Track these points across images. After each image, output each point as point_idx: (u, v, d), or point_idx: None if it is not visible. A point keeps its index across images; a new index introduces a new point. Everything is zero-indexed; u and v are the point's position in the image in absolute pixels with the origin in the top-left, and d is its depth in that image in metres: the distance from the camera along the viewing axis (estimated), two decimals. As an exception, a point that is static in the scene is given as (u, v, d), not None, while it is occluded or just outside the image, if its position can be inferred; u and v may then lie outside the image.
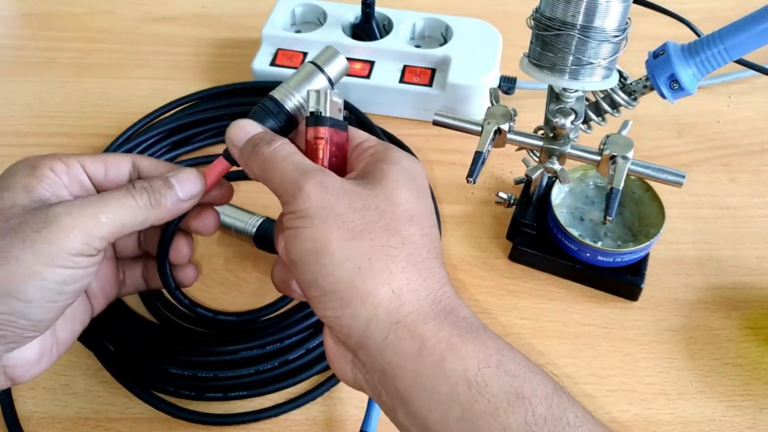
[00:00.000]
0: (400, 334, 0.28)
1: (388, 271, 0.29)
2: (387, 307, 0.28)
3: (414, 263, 0.30)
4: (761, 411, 0.44)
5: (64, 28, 0.73)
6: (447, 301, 0.30)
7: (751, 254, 0.53)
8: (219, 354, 0.44)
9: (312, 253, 0.29)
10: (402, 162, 0.32)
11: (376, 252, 0.29)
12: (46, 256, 0.30)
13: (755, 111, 0.64)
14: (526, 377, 0.28)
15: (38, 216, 0.30)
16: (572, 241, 0.48)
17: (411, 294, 0.29)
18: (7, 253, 0.29)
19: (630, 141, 0.44)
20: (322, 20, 0.66)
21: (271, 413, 0.43)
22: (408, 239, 0.30)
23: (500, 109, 0.46)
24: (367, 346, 0.29)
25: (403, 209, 0.31)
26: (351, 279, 0.28)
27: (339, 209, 0.29)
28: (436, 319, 0.28)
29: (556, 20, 0.40)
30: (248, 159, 0.33)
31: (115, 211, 0.32)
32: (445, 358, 0.27)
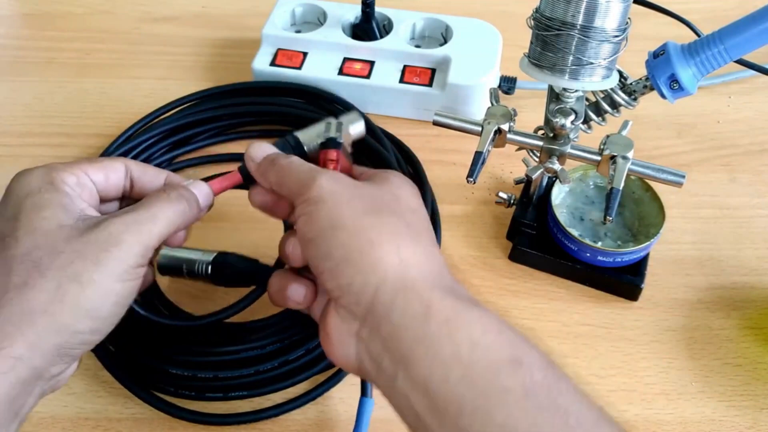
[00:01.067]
0: (408, 297, 0.30)
1: (396, 243, 0.31)
2: (395, 273, 0.30)
3: (418, 243, 0.32)
4: (761, 411, 0.44)
5: (64, 28, 0.73)
6: (448, 279, 0.32)
7: (751, 254, 0.53)
8: (219, 354, 0.44)
9: (328, 228, 0.31)
10: (393, 181, 0.36)
11: (385, 227, 0.32)
12: (118, 273, 0.32)
13: (755, 111, 0.64)
14: (524, 348, 0.29)
15: (100, 236, 0.32)
16: (572, 241, 0.48)
17: (417, 266, 0.31)
18: (81, 276, 0.31)
19: (630, 141, 0.44)
20: (322, 20, 0.66)
21: (271, 413, 0.43)
22: (412, 224, 0.33)
23: (500, 109, 0.46)
24: (375, 310, 0.30)
25: (406, 204, 0.34)
26: (362, 248, 0.31)
27: (349, 196, 0.32)
28: (441, 290, 0.30)
29: (556, 20, 0.40)
30: (266, 170, 0.36)
31: (162, 221, 0.34)
32: (449, 320, 0.29)
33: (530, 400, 0.27)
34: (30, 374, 0.30)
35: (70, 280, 0.31)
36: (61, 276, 0.31)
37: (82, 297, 0.31)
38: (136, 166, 0.38)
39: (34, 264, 0.31)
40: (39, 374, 0.31)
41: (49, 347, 0.31)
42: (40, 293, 0.31)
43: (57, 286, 0.31)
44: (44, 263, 0.31)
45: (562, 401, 0.28)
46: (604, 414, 0.28)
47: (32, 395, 0.31)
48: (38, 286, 0.31)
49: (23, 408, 0.31)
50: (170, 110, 0.60)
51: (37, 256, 0.31)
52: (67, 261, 0.31)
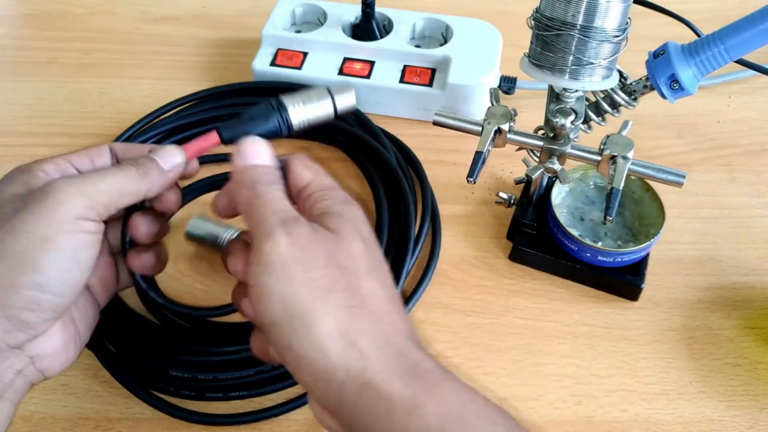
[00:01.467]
0: (370, 395, 0.29)
1: (354, 332, 0.30)
2: (356, 369, 0.29)
3: (377, 321, 0.31)
4: (761, 411, 0.44)
5: (64, 28, 0.73)
6: (412, 355, 0.30)
7: (751, 254, 0.53)
8: (219, 354, 0.44)
9: (283, 314, 0.30)
10: (344, 213, 0.33)
11: (342, 313, 0.30)
12: (55, 222, 0.31)
13: (755, 111, 0.64)
14: (486, 429, 0.29)
15: (39, 190, 0.32)
16: (572, 241, 0.48)
17: (377, 353, 0.30)
18: (16, 227, 0.30)
19: (630, 141, 0.44)
20: (322, 20, 0.66)
21: (271, 413, 0.43)
22: (369, 296, 0.31)
23: (500, 109, 0.46)
24: (342, 408, 0.30)
25: (362, 262, 0.32)
26: (321, 344, 0.29)
27: (304, 265, 0.30)
28: (402, 377, 0.29)
29: (556, 20, 0.40)
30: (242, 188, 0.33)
31: (111, 181, 0.33)
32: (410, 414, 0.28)
33: None
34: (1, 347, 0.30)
35: (6, 233, 0.31)
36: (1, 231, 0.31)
37: (17, 247, 0.30)
38: (121, 146, 0.37)
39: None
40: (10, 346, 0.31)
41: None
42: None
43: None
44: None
45: None
46: None
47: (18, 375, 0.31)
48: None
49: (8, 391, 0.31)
50: (170, 110, 0.60)
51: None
52: (8, 216, 0.31)
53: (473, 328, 0.48)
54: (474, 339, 0.47)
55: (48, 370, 0.34)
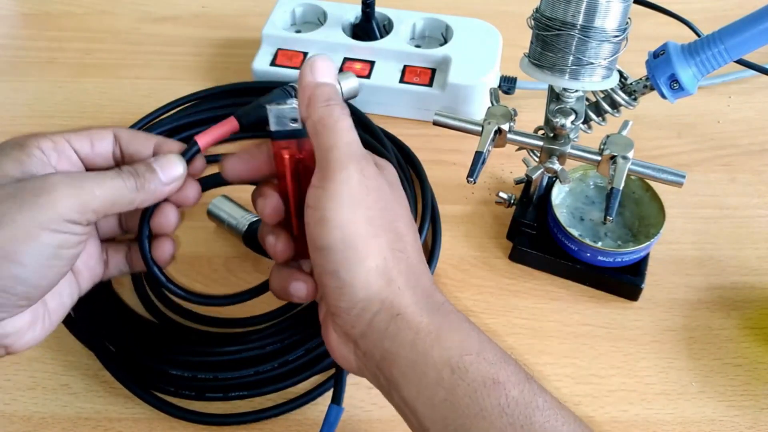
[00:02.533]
0: (399, 325, 0.31)
1: (397, 270, 0.32)
2: (390, 303, 0.32)
3: (413, 264, 0.33)
4: (761, 411, 0.44)
5: (64, 28, 0.73)
6: (437, 296, 0.33)
7: (751, 254, 0.53)
8: (219, 354, 0.44)
9: (340, 242, 0.31)
10: (389, 166, 0.36)
11: (390, 253, 0.32)
12: (43, 220, 0.31)
13: (755, 111, 0.64)
14: (501, 365, 0.31)
15: (36, 183, 0.31)
16: (572, 241, 0.48)
17: (410, 291, 0.32)
18: (4, 216, 0.30)
19: (630, 141, 0.44)
20: (322, 20, 0.66)
21: (271, 413, 0.43)
22: (409, 244, 0.34)
23: (500, 109, 0.46)
24: (369, 335, 0.32)
25: (407, 214, 0.35)
26: (368, 275, 0.32)
27: (368, 203, 0.32)
28: (429, 313, 0.32)
29: (556, 20, 0.40)
30: (315, 102, 0.34)
31: (108, 189, 0.33)
32: (433, 346, 0.31)
33: (506, 418, 0.29)
34: None
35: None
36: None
37: (1, 235, 0.30)
38: (126, 133, 0.37)
39: None
40: None
41: None
42: None
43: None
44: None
45: (538, 417, 0.30)
46: (581, 427, 0.30)
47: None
48: None
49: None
50: (170, 110, 0.60)
51: None
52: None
53: (473, 328, 0.48)
54: (474, 339, 0.47)
55: (11, 347, 0.34)
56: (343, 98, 0.38)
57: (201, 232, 0.53)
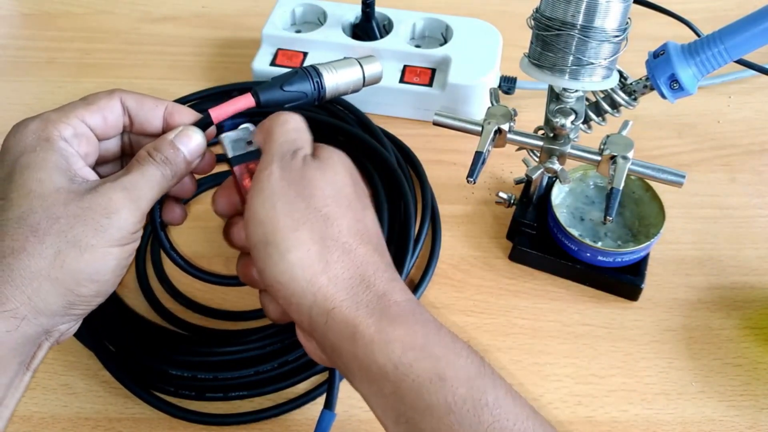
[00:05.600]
0: (336, 319, 0.31)
1: (325, 261, 0.31)
2: (324, 295, 0.31)
3: (348, 251, 0.32)
4: (761, 411, 0.44)
5: (64, 28, 0.73)
6: (380, 285, 0.32)
7: (751, 254, 0.53)
8: (219, 354, 0.44)
9: (263, 238, 0.32)
10: (336, 151, 0.36)
11: (315, 244, 0.32)
12: (116, 239, 0.32)
13: (755, 111, 0.64)
14: (449, 360, 0.30)
15: (99, 202, 0.32)
16: (572, 241, 0.48)
17: (345, 282, 0.31)
18: (80, 241, 0.31)
19: (630, 141, 0.44)
20: (322, 20, 0.66)
21: (271, 413, 0.43)
22: (345, 229, 0.33)
23: (500, 109, 0.46)
24: (314, 329, 0.32)
25: (344, 193, 0.34)
26: (293, 270, 0.31)
27: (288, 196, 0.32)
28: (368, 306, 0.31)
29: (556, 20, 0.40)
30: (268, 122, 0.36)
31: (154, 187, 0.34)
32: (373, 341, 0.30)
33: (453, 417, 0.29)
34: (37, 331, 0.31)
35: (70, 246, 0.31)
36: (59, 242, 0.31)
37: (81, 262, 0.31)
38: (133, 100, 0.37)
39: (31, 229, 0.31)
40: (47, 330, 0.32)
41: (53, 308, 0.31)
42: (39, 259, 0.31)
43: (56, 252, 0.31)
44: (42, 228, 0.31)
45: (487, 416, 0.29)
46: (536, 425, 0.29)
47: (42, 349, 0.33)
48: (37, 252, 0.31)
49: (34, 361, 0.32)
50: (170, 110, 0.60)
51: (34, 221, 0.31)
52: (65, 226, 0.31)
53: (473, 328, 0.48)
54: (474, 339, 0.47)
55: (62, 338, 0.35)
56: (365, 83, 0.39)
57: (201, 232, 0.53)
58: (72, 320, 0.33)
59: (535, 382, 0.45)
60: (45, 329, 0.32)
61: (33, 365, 0.33)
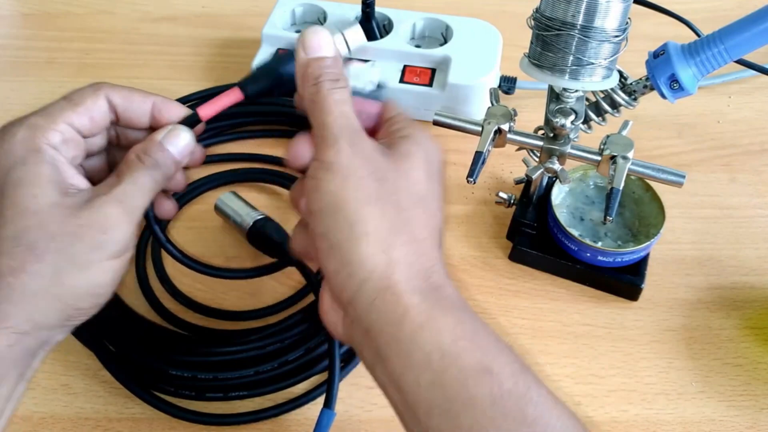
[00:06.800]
0: (386, 299, 0.30)
1: (389, 242, 0.31)
2: (381, 273, 0.31)
3: (413, 240, 0.32)
4: (761, 411, 0.44)
5: (64, 28, 0.73)
6: (436, 278, 0.32)
7: (751, 254, 0.53)
8: (219, 354, 0.44)
9: (331, 206, 0.31)
10: (424, 144, 0.34)
11: (385, 222, 0.31)
12: (113, 252, 0.33)
13: (755, 111, 0.64)
14: (495, 355, 0.30)
15: (95, 219, 0.32)
16: (572, 241, 0.48)
17: (404, 266, 0.31)
18: (79, 258, 0.32)
19: (630, 141, 0.44)
20: (322, 20, 0.66)
21: (271, 413, 0.43)
22: (413, 218, 0.32)
23: (500, 109, 0.46)
24: (356, 304, 0.31)
25: (416, 189, 0.33)
26: (357, 240, 0.31)
27: (362, 173, 0.32)
28: (422, 293, 0.31)
29: (556, 20, 0.40)
30: (306, 81, 0.34)
31: (144, 195, 0.34)
32: (423, 327, 0.30)
33: (497, 409, 0.28)
34: (37, 344, 0.32)
35: (69, 264, 0.31)
36: (58, 260, 0.31)
37: (81, 279, 0.32)
38: (120, 96, 0.37)
39: (29, 248, 0.31)
40: (45, 342, 0.33)
41: (53, 323, 0.32)
42: (39, 278, 0.31)
43: (55, 271, 0.31)
44: (40, 247, 0.31)
45: (531, 411, 0.29)
46: (576, 425, 0.29)
47: (37, 358, 0.33)
48: (36, 271, 0.31)
49: (29, 371, 0.33)
50: (170, 110, 0.60)
51: (31, 240, 0.31)
52: (63, 244, 0.31)
53: (473, 328, 0.48)
54: (474, 339, 0.47)
55: None
56: (350, 53, 0.37)
57: (201, 232, 0.53)
58: (69, 330, 0.34)
59: (535, 382, 0.45)
60: (43, 341, 0.33)
61: (28, 375, 0.33)
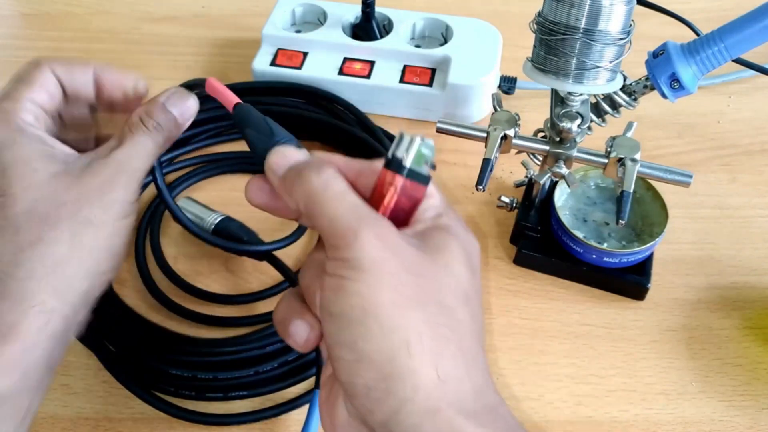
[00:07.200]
0: (437, 425, 0.25)
1: (437, 352, 0.26)
2: (428, 393, 0.25)
3: (462, 349, 0.27)
4: (761, 411, 0.44)
5: (64, 28, 0.73)
6: (489, 396, 0.27)
7: (751, 254, 0.53)
8: (219, 354, 0.44)
9: (358, 310, 0.26)
10: (461, 236, 0.30)
11: (429, 329, 0.26)
12: (120, 212, 0.33)
13: (755, 111, 0.64)
14: None
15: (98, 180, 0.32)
16: (577, 243, 0.48)
17: (455, 383, 0.26)
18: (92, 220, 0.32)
19: (636, 143, 0.44)
20: (322, 20, 0.66)
21: (271, 413, 0.43)
22: (462, 322, 0.27)
23: (504, 115, 0.46)
24: (393, 425, 0.26)
25: (461, 287, 0.28)
26: (396, 352, 0.25)
27: (395, 268, 0.26)
28: (477, 418, 0.26)
29: (559, 24, 0.39)
30: (292, 186, 0.30)
31: (146, 158, 0.34)
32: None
33: None
34: (62, 325, 0.31)
35: (83, 226, 0.32)
36: (73, 224, 0.31)
37: (99, 239, 0.32)
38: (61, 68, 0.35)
39: (42, 219, 0.31)
40: (69, 324, 0.32)
41: (77, 294, 0.32)
42: (58, 245, 0.31)
43: (73, 235, 0.31)
44: (52, 215, 0.31)
45: None
46: None
47: (63, 344, 0.32)
48: (53, 239, 0.31)
49: (57, 361, 0.32)
50: (170, 110, 0.60)
51: (43, 211, 0.31)
52: (74, 209, 0.32)
53: (473, 328, 0.48)
54: (474, 339, 0.47)
55: None
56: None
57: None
58: (86, 309, 0.33)
59: (535, 382, 0.45)
60: (68, 322, 0.32)
61: (54, 366, 0.32)
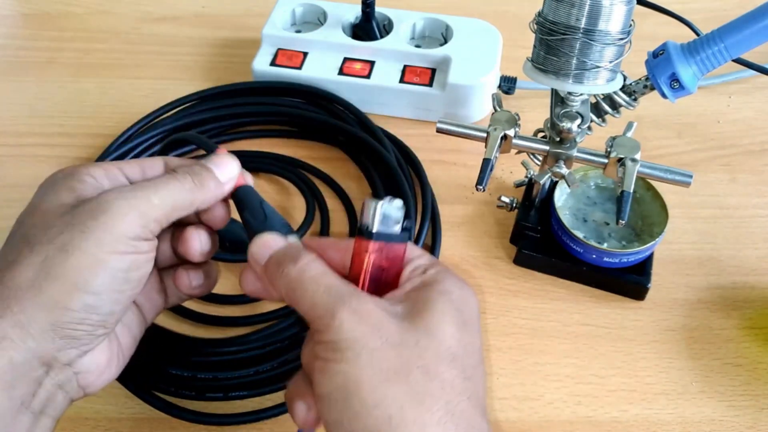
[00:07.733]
0: None
1: (421, 422, 0.26)
2: None
3: (452, 413, 0.27)
4: (761, 411, 0.44)
5: (64, 28, 0.73)
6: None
7: (751, 254, 0.53)
8: (219, 354, 0.44)
9: (342, 390, 0.27)
10: (452, 292, 0.30)
11: (411, 399, 0.27)
12: (108, 243, 0.30)
13: (755, 111, 0.64)
14: None
15: (91, 205, 0.30)
16: (578, 243, 0.48)
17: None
18: (67, 245, 0.29)
19: (637, 143, 0.44)
20: (322, 20, 0.66)
21: (271, 413, 0.43)
22: (448, 384, 0.27)
23: (504, 115, 0.46)
24: None
25: (446, 347, 0.28)
26: (380, 428, 0.26)
27: (374, 343, 0.27)
28: None
29: (559, 24, 0.39)
30: (273, 278, 0.31)
31: (165, 193, 0.32)
32: None
33: None
34: (27, 357, 0.29)
35: (57, 250, 0.29)
36: (48, 248, 0.29)
37: (68, 267, 0.29)
38: (177, 160, 0.35)
39: (25, 240, 0.30)
40: (42, 359, 0.29)
41: (40, 325, 0.29)
42: (27, 268, 0.29)
43: (44, 259, 0.29)
44: (36, 238, 0.30)
45: None
46: None
47: (43, 387, 0.30)
48: (26, 261, 0.29)
49: (34, 400, 0.30)
50: (170, 110, 0.60)
51: (31, 234, 0.30)
52: (56, 233, 0.30)
53: (473, 328, 0.48)
54: (474, 339, 0.47)
55: (89, 387, 0.32)
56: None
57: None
58: (71, 348, 0.30)
59: (535, 382, 0.45)
60: (37, 357, 0.29)
61: (34, 406, 0.30)
